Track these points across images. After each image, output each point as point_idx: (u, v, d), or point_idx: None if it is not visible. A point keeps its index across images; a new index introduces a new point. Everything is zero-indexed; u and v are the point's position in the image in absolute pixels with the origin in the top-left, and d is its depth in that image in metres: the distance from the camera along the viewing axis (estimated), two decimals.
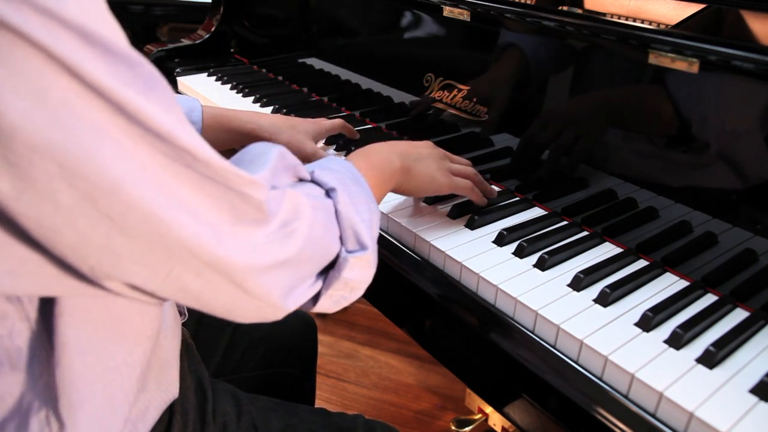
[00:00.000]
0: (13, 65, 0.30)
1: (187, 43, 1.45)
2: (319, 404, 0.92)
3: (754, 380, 0.53)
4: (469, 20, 0.92)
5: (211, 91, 1.26)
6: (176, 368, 0.60)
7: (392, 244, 0.76)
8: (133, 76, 0.35)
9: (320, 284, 0.53)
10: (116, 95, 0.34)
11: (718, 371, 0.54)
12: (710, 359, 0.54)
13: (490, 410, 1.27)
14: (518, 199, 0.83)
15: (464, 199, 0.81)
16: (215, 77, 1.33)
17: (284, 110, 1.14)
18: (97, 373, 0.47)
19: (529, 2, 0.91)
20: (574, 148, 0.81)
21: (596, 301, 0.63)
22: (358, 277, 0.54)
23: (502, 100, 0.91)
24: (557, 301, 0.62)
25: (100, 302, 0.45)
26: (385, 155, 0.68)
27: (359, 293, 0.56)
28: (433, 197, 0.81)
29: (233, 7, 1.46)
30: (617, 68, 0.77)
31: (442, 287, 0.69)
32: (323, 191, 0.54)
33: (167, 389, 0.58)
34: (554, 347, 0.59)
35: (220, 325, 0.89)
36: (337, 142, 0.98)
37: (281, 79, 1.35)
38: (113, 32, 0.35)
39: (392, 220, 0.77)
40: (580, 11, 0.92)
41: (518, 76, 0.89)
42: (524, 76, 0.89)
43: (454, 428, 1.28)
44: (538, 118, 0.85)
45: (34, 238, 0.35)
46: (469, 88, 0.94)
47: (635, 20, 0.86)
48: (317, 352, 1.02)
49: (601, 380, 0.55)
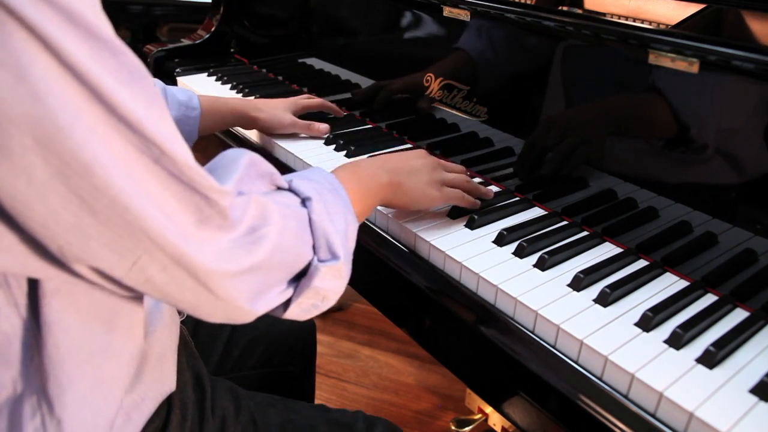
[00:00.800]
0: None
1: (187, 43, 1.45)
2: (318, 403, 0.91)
3: (754, 380, 0.53)
4: (469, 20, 0.92)
5: (211, 91, 1.26)
6: (173, 363, 0.61)
7: (392, 243, 0.77)
8: (117, 64, 0.36)
9: (291, 291, 0.53)
10: (94, 80, 0.35)
11: (718, 371, 0.54)
12: (710, 359, 0.54)
13: (490, 410, 1.27)
14: (518, 199, 0.83)
15: None
16: (215, 77, 1.33)
17: None
18: (83, 354, 0.47)
19: (529, 2, 0.91)
20: (573, 147, 0.81)
21: (596, 301, 0.63)
22: (329, 286, 0.54)
23: (502, 100, 0.91)
24: (557, 301, 0.62)
25: (80, 287, 0.46)
26: (372, 170, 0.68)
27: (330, 303, 0.56)
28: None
29: (233, 7, 1.46)
30: (617, 68, 0.77)
31: (442, 287, 0.69)
32: (299, 200, 0.54)
33: (163, 382, 0.58)
34: (554, 347, 0.59)
35: (219, 324, 0.89)
36: (337, 142, 0.99)
37: (281, 79, 1.35)
38: (100, 20, 0.36)
39: (392, 220, 0.77)
40: (580, 11, 0.92)
41: (518, 76, 0.89)
42: (524, 76, 0.89)
43: (454, 428, 1.28)
44: (537, 118, 0.85)
45: (6, 212, 0.36)
46: (469, 88, 0.94)
47: (635, 20, 0.86)
48: (316, 350, 1.02)
49: (601, 380, 0.55)
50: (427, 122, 1.02)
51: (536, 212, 0.81)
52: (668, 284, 0.66)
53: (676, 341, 0.56)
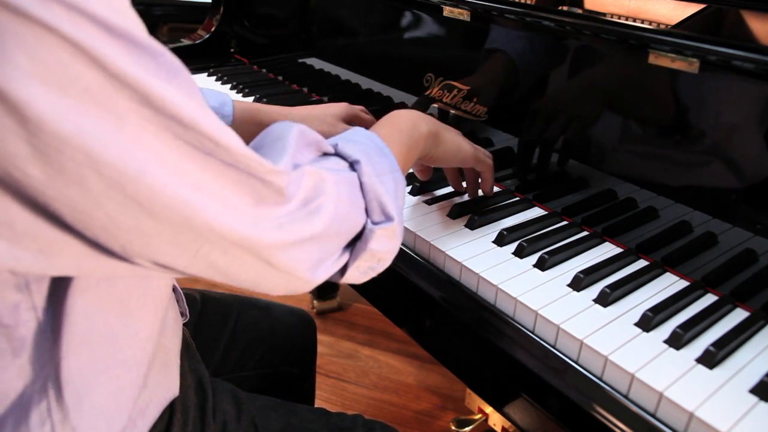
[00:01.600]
0: (40, 57, 0.32)
1: (187, 43, 1.45)
2: (319, 404, 0.92)
3: (754, 380, 0.53)
4: (469, 20, 0.92)
5: None
6: (177, 366, 0.60)
7: None
8: (156, 66, 0.36)
9: (347, 256, 0.53)
10: (140, 84, 0.35)
11: (718, 371, 0.54)
12: (710, 359, 0.54)
13: (490, 410, 1.27)
14: (518, 199, 0.83)
15: (464, 198, 0.81)
16: (215, 77, 1.33)
17: None
18: (104, 365, 0.47)
19: (529, 2, 0.91)
20: (573, 148, 0.81)
21: (596, 301, 0.63)
22: (384, 248, 0.54)
23: (501, 100, 0.91)
24: (557, 301, 0.62)
25: (113, 295, 0.46)
26: (412, 121, 0.67)
27: (386, 264, 0.56)
28: (432, 196, 0.81)
29: (233, 7, 1.46)
30: (617, 68, 0.77)
31: (442, 287, 0.69)
32: (347, 164, 0.54)
33: (168, 387, 0.58)
34: (554, 347, 0.59)
35: (219, 324, 0.89)
36: None
37: (281, 79, 1.35)
38: (135, 25, 0.36)
39: None
40: (580, 11, 0.92)
41: (518, 76, 0.89)
42: (524, 76, 0.89)
43: (454, 428, 1.28)
44: (537, 118, 0.85)
45: (67, 222, 0.37)
46: (469, 88, 0.94)
47: (635, 20, 0.86)
48: (317, 351, 1.02)
49: (601, 380, 0.55)
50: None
51: (536, 212, 0.81)
52: (668, 284, 0.66)
53: (676, 341, 0.56)
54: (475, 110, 0.93)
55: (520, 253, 0.70)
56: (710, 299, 0.64)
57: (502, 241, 0.72)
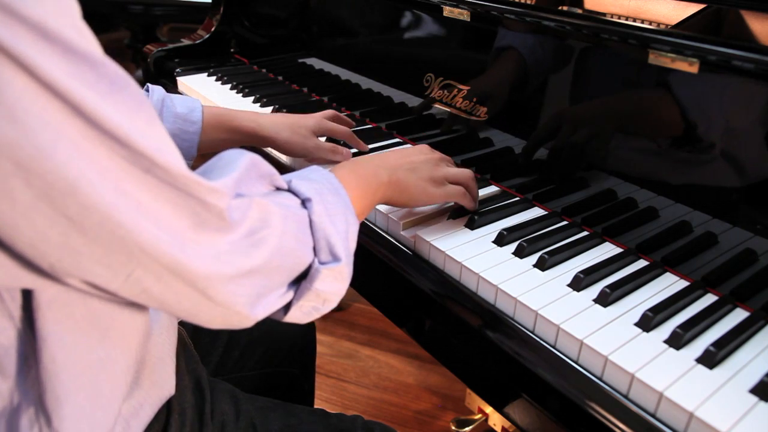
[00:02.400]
0: None
1: (187, 43, 1.45)
2: (318, 404, 0.92)
3: (754, 380, 0.53)
4: (469, 20, 0.92)
5: (211, 91, 1.26)
6: (171, 366, 0.60)
7: (392, 244, 0.76)
8: (96, 77, 0.35)
9: (291, 294, 0.52)
10: (74, 96, 0.34)
11: (718, 371, 0.54)
12: (710, 359, 0.54)
13: (490, 410, 1.27)
14: (518, 199, 0.83)
15: None
16: (215, 77, 1.33)
17: (284, 110, 1.14)
18: (80, 366, 0.46)
19: (529, 2, 0.91)
20: (573, 148, 0.81)
21: (596, 301, 0.63)
22: (330, 288, 0.53)
23: (502, 100, 0.91)
24: (557, 301, 0.62)
25: (77, 297, 0.45)
26: (372, 168, 0.67)
27: (331, 305, 0.55)
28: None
29: (233, 7, 1.46)
30: (617, 68, 0.77)
31: (442, 287, 0.69)
32: (299, 201, 0.53)
33: (162, 386, 0.58)
34: (554, 347, 0.59)
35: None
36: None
37: (281, 79, 1.35)
38: (77, 31, 0.35)
39: (392, 220, 0.77)
40: (580, 11, 0.92)
41: (518, 76, 0.89)
42: (524, 76, 0.89)
43: (454, 428, 1.28)
44: (537, 118, 0.85)
45: None
46: (469, 88, 0.94)
47: (635, 20, 0.86)
48: (316, 351, 1.02)
49: (601, 380, 0.55)
50: (427, 122, 1.02)
51: (536, 212, 0.81)
52: (668, 284, 0.66)
53: (676, 341, 0.56)
54: (475, 110, 0.93)
55: (520, 253, 0.70)
56: (710, 299, 0.64)
57: (502, 241, 0.72)
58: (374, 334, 1.78)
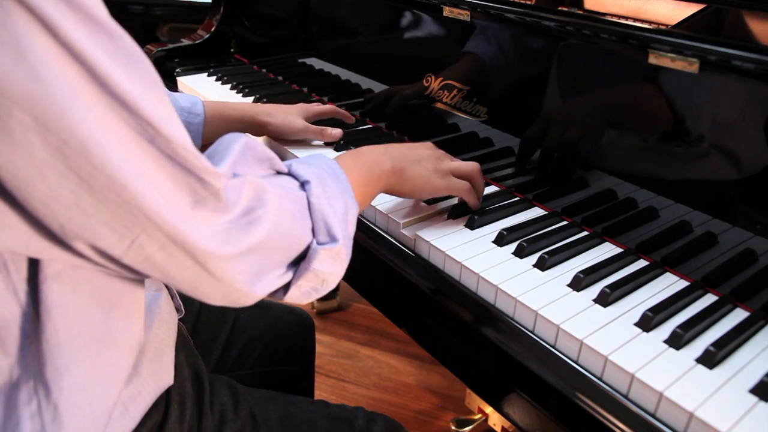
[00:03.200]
0: None
1: (187, 43, 1.45)
2: None
3: (754, 380, 0.53)
4: (469, 20, 0.92)
5: (211, 91, 1.26)
6: (171, 358, 0.61)
7: (392, 244, 0.76)
8: (114, 48, 0.37)
9: (291, 275, 0.53)
10: (91, 60, 0.35)
11: (718, 371, 0.54)
12: (710, 359, 0.54)
13: (490, 410, 1.27)
14: (518, 199, 0.83)
15: None
16: (215, 77, 1.33)
17: None
18: (82, 340, 0.47)
19: (529, 2, 0.91)
20: (574, 147, 0.81)
21: (596, 301, 0.63)
22: (328, 269, 0.54)
23: (502, 99, 0.91)
24: (557, 301, 0.62)
25: (82, 274, 0.46)
26: (375, 156, 0.68)
27: (330, 286, 0.56)
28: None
29: (233, 7, 1.46)
30: (617, 68, 0.77)
31: (442, 287, 0.69)
32: (297, 184, 0.55)
33: (161, 376, 0.58)
34: (554, 347, 0.59)
35: (218, 323, 0.89)
36: (337, 143, 0.99)
37: (281, 79, 1.35)
38: (97, 4, 0.36)
39: (392, 220, 0.77)
40: (580, 11, 0.92)
41: (518, 75, 0.89)
42: (524, 75, 0.89)
43: (454, 428, 1.28)
44: (537, 118, 0.85)
45: (8, 190, 0.37)
46: (469, 88, 0.94)
47: (635, 20, 0.86)
48: (315, 349, 1.02)
49: (601, 380, 0.55)
50: (427, 122, 1.02)
51: (536, 212, 0.81)
52: (668, 284, 0.66)
53: (676, 341, 0.56)
54: (475, 110, 0.93)
55: (520, 253, 0.70)
56: (710, 299, 0.64)
57: (502, 241, 0.72)
58: (374, 334, 1.78)
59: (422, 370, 1.64)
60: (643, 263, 0.70)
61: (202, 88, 1.28)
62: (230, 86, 1.28)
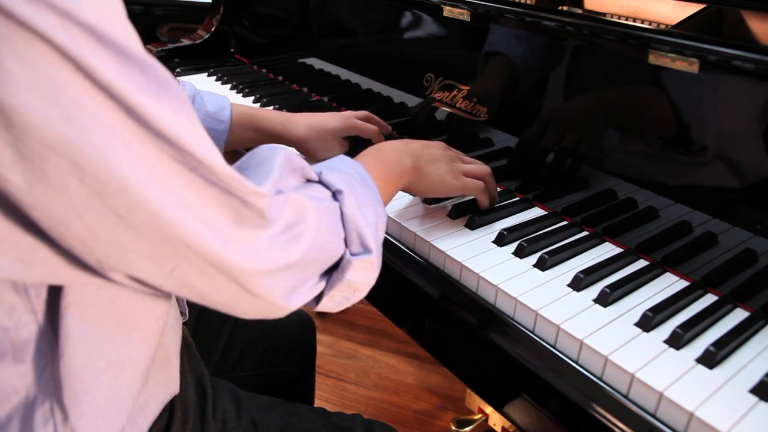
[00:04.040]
0: (30, 63, 0.31)
1: (187, 43, 1.45)
2: (318, 404, 0.92)
3: (754, 380, 0.53)
4: (469, 20, 0.92)
5: (210, 91, 1.26)
6: (176, 365, 0.61)
7: (392, 244, 0.76)
8: (145, 79, 0.36)
9: (323, 285, 0.53)
10: (127, 97, 0.35)
11: (718, 371, 0.54)
12: (710, 359, 0.54)
13: (490, 410, 1.27)
14: (518, 199, 0.83)
15: (464, 198, 0.81)
16: (215, 77, 1.33)
17: (284, 110, 1.13)
18: (101, 365, 0.47)
19: (529, 2, 0.91)
20: (574, 148, 0.81)
21: (596, 301, 0.63)
22: (361, 279, 0.54)
23: (502, 100, 0.91)
24: (557, 301, 0.62)
25: (105, 297, 0.46)
26: (396, 155, 0.68)
27: (362, 295, 0.56)
28: (433, 197, 0.81)
29: (233, 7, 1.46)
30: (617, 68, 0.77)
31: (442, 287, 0.69)
32: (330, 193, 0.54)
33: (168, 385, 0.58)
34: (554, 347, 0.59)
35: (218, 324, 0.89)
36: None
37: (281, 79, 1.35)
38: (128, 36, 0.36)
39: (392, 220, 0.77)
40: (580, 11, 0.92)
41: (518, 76, 0.89)
42: (524, 76, 0.89)
43: (454, 428, 1.28)
44: (537, 118, 0.85)
45: (43, 229, 0.36)
46: (469, 88, 0.94)
47: (635, 20, 0.86)
48: (316, 351, 1.02)
49: (601, 380, 0.55)
50: (427, 122, 1.01)
51: (536, 212, 0.81)
52: (668, 284, 0.66)
53: (676, 341, 0.56)
54: (475, 110, 0.93)
55: (520, 253, 0.70)
56: (710, 299, 0.64)
57: (502, 241, 0.72)
58: (374, 334, 1.78)
59: (422, 370, 1.64)
60: (643, 263, 0.70)
61: (202, 88, 1.28)
62: (230, 86, 1.28)
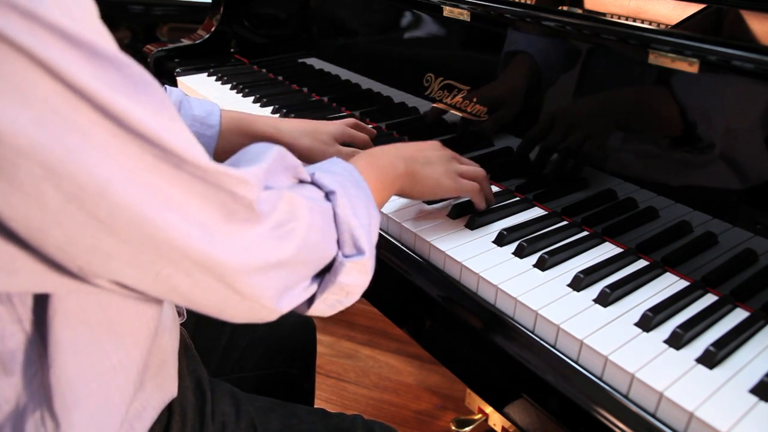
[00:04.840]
0: None
1: (187, 43, 1.45)
2: (319, 404, 0.92)
3: (754, 380, 0.53)
4: (469, 20, 0.92)
5: (211, 91, 1.26)
6: (174, 368, 0.60)
7: (392, 244, 0.76)
8: (121, 78, 0.35)
9: (315, 287, 0.52)
10: (101, 98, 0.34)
11: (718, 371, 0.54)
12: (710, 359, 0.54)
13: (490, 410, 1.27)
14: (518, 199, 0.83)
15: (465, 199, 0.81)
16: (215, 77, 1.33)
17: (284, 110, 1.14)
18: (92, 373, 0.46)
19: (529, 2, 0.91)
20: (573, 148, 0.81)
21: (596, 301, 0.63)
22: (354, 281, 0.53)
23: (501, 100, 0.91)
24: (557, 301, 0.62)
25: (94, 303, 0.45)
26: (389, 159, 0.67)
27: (355, 298, 0.55)
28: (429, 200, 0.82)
29: (233, 7, 1.46)
30: (617, 68, 0.77)
31: (442, 287, 0.69)
32: (323, 194, 0.53)
33: (165, 389, 0.58)
34: (554, 347, 0.59)
35: (219, 325, 0.89)
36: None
37: (281, 79, 1.35)
38: (99, 35, 0.35)
39: (392, 220, 0.77)
40: (580, 11, 0.92)
41: (517, 76, 0.89)
42: (523, 76, 0.89)
43: (454, 428, 1.28)
44: (537, 118, 0.85)
45: (22, 238, 0.36)
46: (469, 88, 0.94)
47: (635, 20, 0.86)
48: (316, 352, 1.02)
49: (601, 380, 0.55)
50: (427, 122, 1.02)
51: (536, 212, 0.81)
52: (668, 284, 0.66)
53: (676, 341, 0.56)
54: (475, 110, 0.93)
55: (520, 253, 0.70)
56: (710, 299, 0.64)
57: (502, 241, 0.72)
58: (374, 334, 1.78)
59: (422, 370, 1.64)
60: (643, 263, 0.70)
61: (202, 88, 1.28)
62: (230, 86, 1.28)
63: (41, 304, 0.43)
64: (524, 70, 0.88)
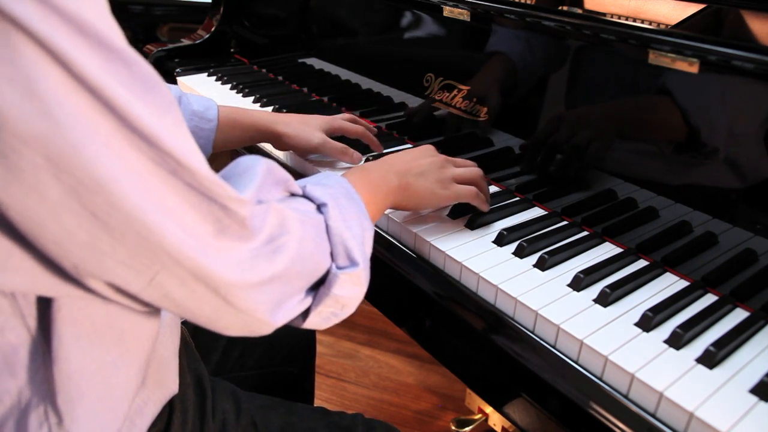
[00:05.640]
0: (5, 53, 0.30)
1: (187, 43, 1.45)
2: (318, 404, 0.92)
3: (754, 380, 0.53)
4: (469, 20, 0.92)
5: (211, 91, 1.26)
6: (175, 365, 0.60)
7: (392, 244, 0.77)
8: (130, 75, 0.35)
9: (310, 300, 0.52)
10: (107, 93, 0.34)
11: (718, 371, 0.54)
12: (710, 359, 0.54)
13: (490, 410, 1.27)
14: (518, 199, 0.83)
15: None
16: (215, 77, 1.33)
17: (284, 110, 1.14)
18: (95, 368, 0.47)
19: (529, 2, 0.91)
20: (573, 148, 0.81)
21: (596, 301, 0.63)
22: (348, 293, 0.53)
23: (501, 100, 0.91)
24: (557, 301, 0.62)
25: (97, 300, 0.45)
26: (382, 173, 0.67)
27: (350, 311, 0.55)
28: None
29: (233, 7, 1.46)
30: (617, 68, 0.77)
31: (442, 287, 0.69)
32: (314, 206, 0.53)
33: (166, 385, 0.58)
34: (554, 347, 0.59)
35: None
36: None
37: (281, 79, 1.35)
38: (112, 29, 0.34)
39: (392, 220, 0.77)
40: (580, 11, 0.92)
41: (517, 76, 0.89)
42: (524, 76, 0.89)
43: (454, 428, 1.28)
44: (537, 118, 0.85)
45: (19, 230, 0.35)
46: (469, 88, 0.94)
47: (635, 20, 0.86)
48: (316, 351, 1.02)
49: (601, 380, 0.55)
50: (427, 122, 1.01)
51: (536, 212, 0.81)
52: (668, 284, 0.66)
53: (676, 341, 0.56)
54: (475, 110, 0.93)
55: (520, 253, 0.70)
56: (710, 299, 0.64)
57: (502, 241, 0.72)
58: (374, 334, 1.78)
59: (422, 370, 1.64)
60: (643, 263, 0.70)
61: (202, 88, 1.28)
62: (230, 86, 1.28)
63: (46, 300, 0.43)
64: (522, 69, 0.88)
